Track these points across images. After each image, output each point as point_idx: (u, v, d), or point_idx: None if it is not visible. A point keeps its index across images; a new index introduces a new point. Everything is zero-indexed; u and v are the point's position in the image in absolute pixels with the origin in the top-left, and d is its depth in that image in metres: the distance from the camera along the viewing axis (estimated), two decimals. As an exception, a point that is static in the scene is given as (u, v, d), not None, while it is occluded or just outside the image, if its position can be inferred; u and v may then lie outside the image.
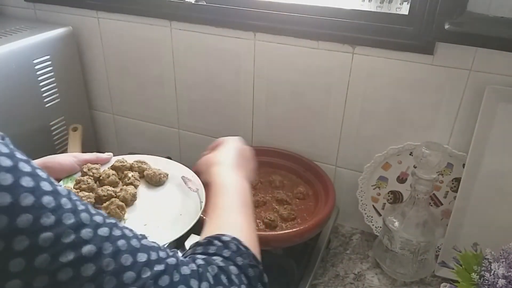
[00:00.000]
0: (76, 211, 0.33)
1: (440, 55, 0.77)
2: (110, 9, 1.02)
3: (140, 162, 0.76)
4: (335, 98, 0.89)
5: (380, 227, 0.94)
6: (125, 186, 0.70)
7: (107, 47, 1.09)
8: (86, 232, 0.33)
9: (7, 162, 0.31)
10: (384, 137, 0.89)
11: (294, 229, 0.75)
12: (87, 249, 0.32)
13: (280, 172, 0.96)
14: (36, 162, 0.65)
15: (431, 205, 0.88)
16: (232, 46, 0.93)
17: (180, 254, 0.41)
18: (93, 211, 0.35)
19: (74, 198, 0.35)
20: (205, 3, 0.95)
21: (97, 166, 0.73)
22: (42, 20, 1.12)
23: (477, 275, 0.68)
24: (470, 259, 0.73)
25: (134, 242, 0.36)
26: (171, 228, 0.65)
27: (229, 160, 0.63)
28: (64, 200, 0.33)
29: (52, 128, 1.04)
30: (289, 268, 0.79)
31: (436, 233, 0.81)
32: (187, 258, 0.41)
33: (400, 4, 0.84)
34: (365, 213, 0.95)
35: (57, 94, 1.03)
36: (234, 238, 0.44)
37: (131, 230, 0.38)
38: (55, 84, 1.02)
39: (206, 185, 0.65)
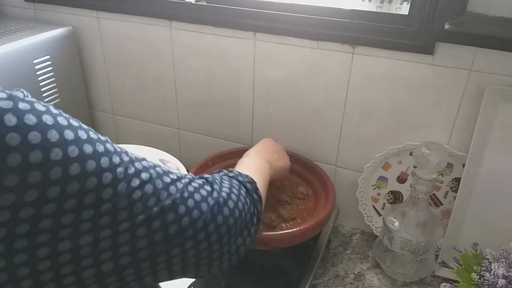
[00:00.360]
0: (124, 151, 0.44)
1: (440, 55, 0.78)
2: (110, 9, 1.02)
3: None
4: (335, 98, 0.89)
5: (380, 227, 0.94)
6: None
7: (107, 47, 1.09)
8: (138, 164, 0.43)
9: (75, 122, 0.42)
10: (384, 137, 0.89)
11: (294, 229, 0.75)
12: (144, 175, 0.43)
13: (280, 172, 0.96)
14: None
15: (431, 205, 0.88)
16: (232, 46, 0.93)
17: (190, 174, 0.53)
18: (128, 151, 0.46)
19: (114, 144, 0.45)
20: (205, 3, 0.95)
21: None
22: (42, 20, 1.12)
23: (477, 275, 0.68)
24: (470, 259, 0.73)
25: (164, 167, 0.48)
26: None
27: (252, 151, 0.78)
28: (115, 145, 0.43)
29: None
30: (289, 268, 0.79)
31: (436, 233, 0.81)
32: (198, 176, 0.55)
33: (400, 4, 0.84)
34: (365, 213, 0.95)
35: (57, 94, 1.03)
36: (237, 170, 0.61)
37: (154, 163, 0.48)
38: (55, 84, 1.02)
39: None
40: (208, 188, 0.51)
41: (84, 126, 0.42)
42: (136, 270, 0.43)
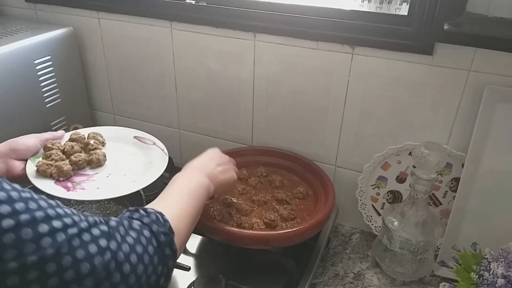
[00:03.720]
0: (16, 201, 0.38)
1: (439, 55, 0.78)
2: (111, 9, 1.03)
3: (94, 133, 0.86)
4: (334, 98, 0.90)
5: (380, 226, 0.94)
6: (92, 151, 0.80)
7: (107, 48, 1.09)
8: (4, 208, 0.37)
9: None
10: (383, 137, 0.89)
11: (294, 229, 0.76)
12: (6, 223, 0.37)
13: (280, 172, 0.97)
14: (1, 145, 0.71)
15: (430, 205, 0.89)
16: (232, 46, 0.94)
17: (91, 218, 0.45)
18: (7, 186, 0.40)
19: None
20: (205, 4, 0.95)
21: (58, 141, 0.81)
22: (43, 21, 1.12)
23: (476, 274, 0.69)
24: (469, 258, 0.73)
25: (49, 211, 0.41)
26: (148, 173, 0.77)
27: (194, 163, 0.71)
28: None
29: (53, 128, 1.04)
30: (289, 267, 0.80)
31: (435, 232, 0.81)
32: (103, 219, 0.47)
33: (399, 4, 0.84)
34: (365, 213, 0.96)
35: (58, 94, 1.03)
36: (159, 212, 0.52)
37: (46, 201, 0.42)
38: (56, 84, 1.02)
39: None
40: (107, 238, 0.44)
41: None
42: None
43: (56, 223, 0.40)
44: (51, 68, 1.00)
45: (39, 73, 0.97)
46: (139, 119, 1.16)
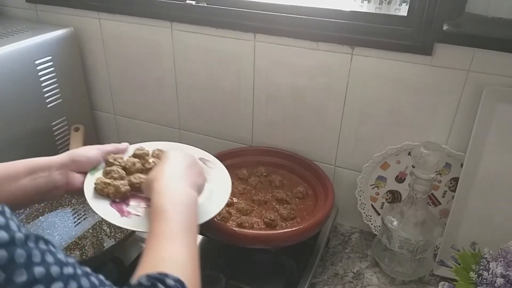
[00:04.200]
0: (30, 265, 0.33)
1: (439, 56, 0.78)
2: (112, 10, 1.03)
3: (158, 150, 0.77)
4: (334, 99, 0.90)
5: (379, 226, 0.94)
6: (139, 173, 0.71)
7: (108, 48, 1.09)
8: None
9: None
10: (382, 137, 0.89)
11: (293, 228, 0.76)
12: None
13: (280, 172, 0.97)
14: (62, 156, 0.67)
15: (430, 205, 0.89)
16: (232, 47, 0.94)
17: None
18: (50, 259, 0.35)
19: (32, 246, 0.34)
20: (205, 5, 0.96)
21: (121, 155, 0.73)
22: (43, 21, 1.13)
23: (475, 274, 0.69)
24: (468, 258, 0.73)
25: None
26: (211, 202, 0.67)
27: (169, 175, 0.58)
28: (19, 252, 0.33)
29: (54, 129, 1.05)
30: (289, 266, 0.80)
31: (435, 232, 0.81)
32: None
33: (399, 5, 0.84)
34: (364, 213, 0.96)
35: (59, 95, 1.04)
36: (178, 281, 0.43)
37: (88, 278, 0.38)
38: (57, 85, 1.02)
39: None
40: None
41: None
42: None
43: None
44: (52, 69, 1.00)
45: (40, 73, 0.97)
46: (139, 119, 1.16)
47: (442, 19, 0.73)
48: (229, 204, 0.85)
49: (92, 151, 0.71)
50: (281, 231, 0.77)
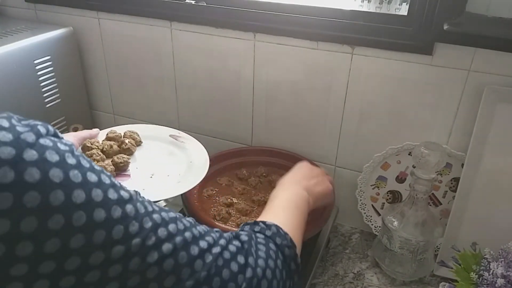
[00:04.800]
0: (149, 212, 0.37)
1: (439, 55, 0.78)
2: (111, 9, 1.03)
3: (130, 131, 0.84)
4: (334, 98, 0.90)
5: (379, 226, 0.94)
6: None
7: (107, 48, 1.09)
8: (162, 231, 0.36)
9: (94, 177, 0.34)
10: (383, 137, 0.89)
11: (293, 229, 0.75)
12: (166, 247, 0.36)
13: (280, 172, 0.96)
14: None
15: (430, 205, 0.89)
16: (232, 46, 0.94)
17: (226, 234, 0.44)
18: (156, 207, 0.39)
19: (141, 199, 0.38)
20: (205, 4, 0.95)
21: (96, 139, 0.78)
22: (42, 21, 1.12)
23: (476, 274, 0.69)
24: (469, 258, 0.73)
25: (195, 231, 0.40)
26: (191, 173, 0.75)
27: (287, 178, 0.69)
28: (138, 205, 0.36)
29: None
30: (289, 267, 0.80)
31: (435, 232, 0.81)
32: (233, 234, 0.46)
33: (399, 4, 0.84)
34: (364, 213, 0.96)
35: (58, 95, 1.03)
36: (275, 224, 0.50)
37: (187, 220, 0.41)
38: (55, 85, 1.02)
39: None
40: (244, 255, 0.42)
41: (105, 180, 0.35)
42: None
43: (202, 244, 0.39)
44: (51, 68, 1.00)
45: (39, 73, 0.97)
46: (139, 119, 1.16)
47: (443, 19, 0.73)
48: (228, 205, 0.85)
49: (69, 138, 0.74)
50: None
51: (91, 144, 0.76)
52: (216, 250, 0.40)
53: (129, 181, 0.73)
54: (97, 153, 0.74)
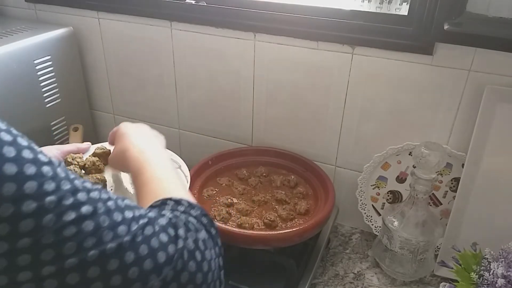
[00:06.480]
0: (70, 178, 0.37)
1: (440, 55, 0.78)
2: (111, 9, 1.03)
3: None
4: (334, 98, 0.90)
5: (380, 226, 0.94)
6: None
7: (107, 48, 1.09)
8: (82, 195, 0.36)
9: (8, 137, 0.34)
10: (383, 137, 0.89)
11: (294, 229, 0.76)
12: (85, 208, 0.36)
13: (280, 172, 0.97)
14: None
15: (431, 205, 0.89)
16: (232, 46, 0.94)
17: (152, 212, 0.43)
18: (81, 179, 0.38)
19: (64, 168, 0.38)
20: (205, 4, 0.95)
21: (80, 155, 0.76)
22: (42, 21, 1.12)
23: (476, 274, 0.69)
24: (469, 258, 0.73)
25: (119, 202, 0.40)
26: None
27: (138, 139, 0.63)
28: (59, 170, 0.36)
29: (53, 128, 1.04)
30: (289, 267, 0.80)
31: (435, 232, 0.81)
32: (158, 211, 0.44)
33: (399, 4, 0.84)
34: (365, 213, 0.96)
35: (58, 94, 1.03)
36: (181, 198, 0.48)
37: (116, 196, 0.41)
38: (56, 84, 1.02)
39: None
40: (173, 227, 0.41)
41: (22, 142, 0.35)
42: None
43: (128, 214, 0.39)
44: (51, 68, 1.00)
45: (39, 73, 0.97)
46: (139, 119, 1.16)
47: (443, 19, 0.73)
48: (229, 205, 0.85)
49: (52, 151, 0.73)
50: (281, 231, 0.77)
51: (72, 159, 0.74)
52: (143, 221, 0.40)
53: None
54: (74, 169, 0.71)
